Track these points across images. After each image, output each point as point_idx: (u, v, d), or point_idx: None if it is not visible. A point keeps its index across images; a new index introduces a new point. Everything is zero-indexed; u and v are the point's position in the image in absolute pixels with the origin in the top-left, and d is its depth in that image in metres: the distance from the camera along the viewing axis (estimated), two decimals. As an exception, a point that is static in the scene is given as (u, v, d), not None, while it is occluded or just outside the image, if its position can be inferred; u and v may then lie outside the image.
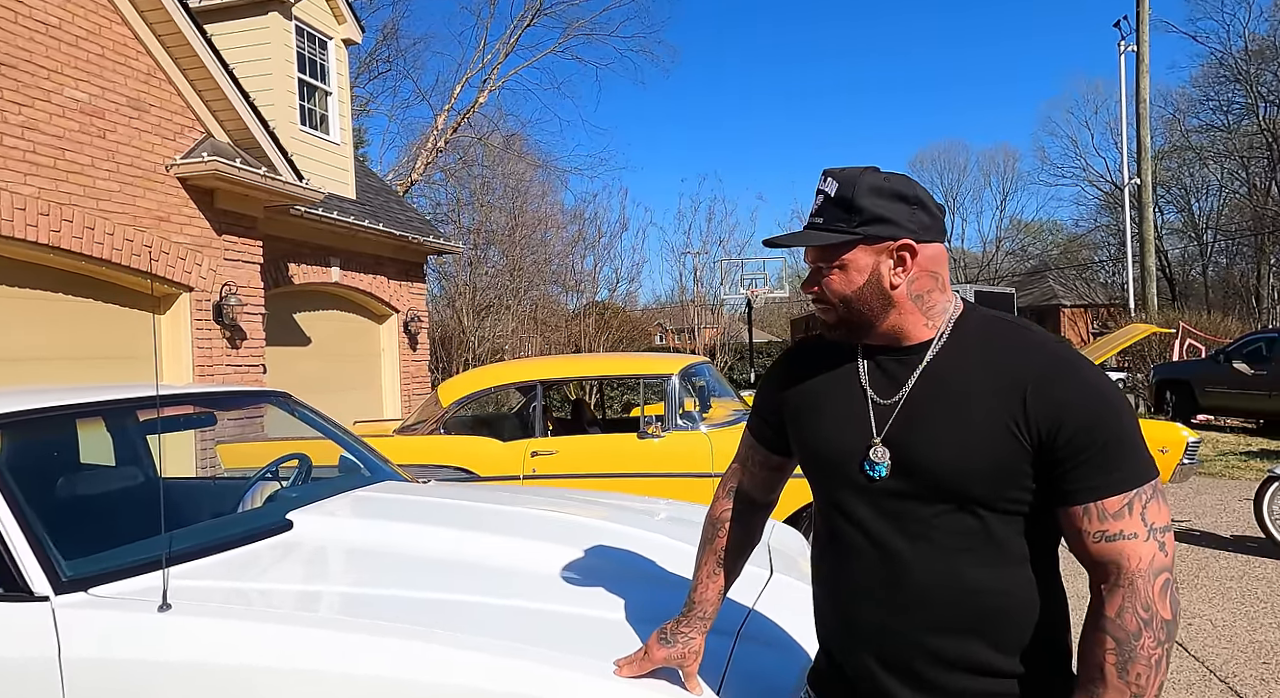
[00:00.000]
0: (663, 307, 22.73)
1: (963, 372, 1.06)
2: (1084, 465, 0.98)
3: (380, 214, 9.39)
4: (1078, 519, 0.99)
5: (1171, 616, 0.96)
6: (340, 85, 9.23)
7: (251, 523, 2.09)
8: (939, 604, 1.04)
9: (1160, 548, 0.97)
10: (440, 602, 1.68)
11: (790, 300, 23.20)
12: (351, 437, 3.00)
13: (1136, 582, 0.96)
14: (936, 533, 1.04)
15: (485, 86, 15.12)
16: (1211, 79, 30.96)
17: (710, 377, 4.85)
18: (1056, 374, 1.01)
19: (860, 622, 1.10)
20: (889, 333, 1.10)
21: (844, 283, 1.08)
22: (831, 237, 1.06)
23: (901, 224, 1.05)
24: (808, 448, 1.18)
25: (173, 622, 1.55)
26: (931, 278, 1.09)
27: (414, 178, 14.95)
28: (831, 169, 1.10)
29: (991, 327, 1.09)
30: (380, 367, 9.65)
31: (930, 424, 1.05)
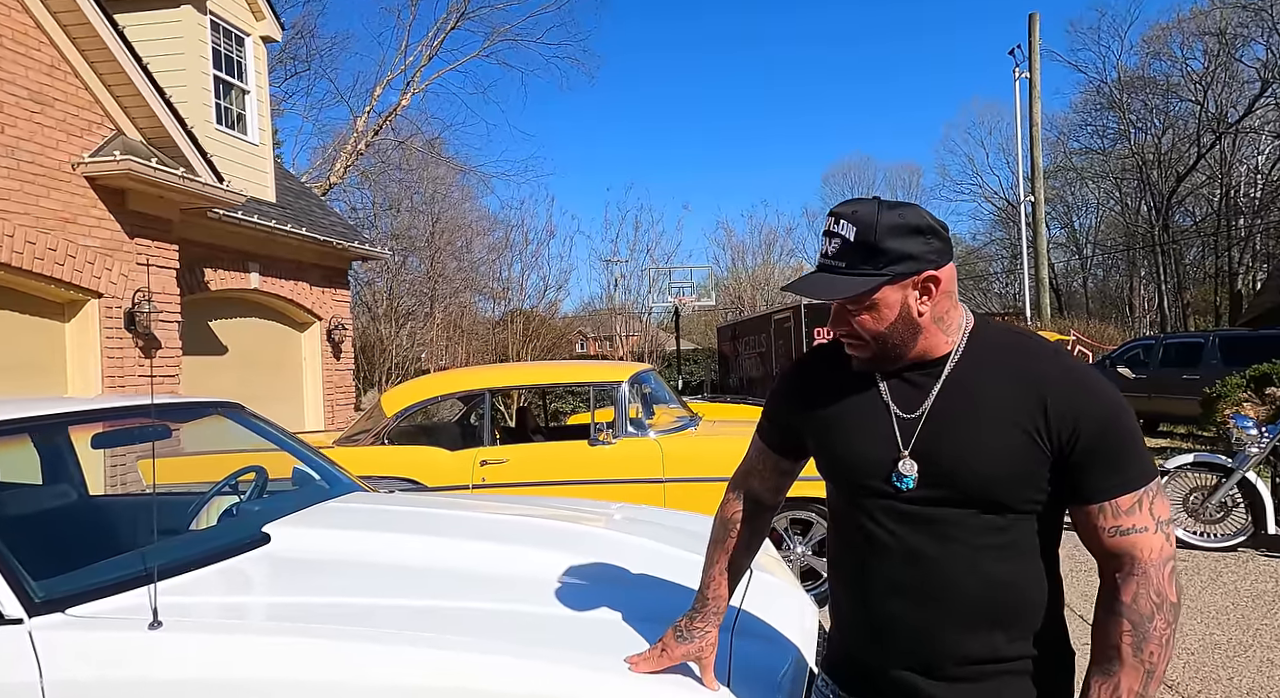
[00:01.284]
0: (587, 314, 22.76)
1: (982, 382, 1.12)
2: (1099, 468, 1.06)
3: (302, 218, 9.06)
4: (1094, 516, 1.08)
5: (1177, 599, 1.07)
6: (259, 84, 8.87)
7: (227, 538, 2.03)
8: (964, 598, 1.11)
9: (1166, 539, 1.07)
10: (438, 609, 1.70)
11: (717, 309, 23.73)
12: (308, 448, 2.92)
13: (1149, 571, 1.06)
14: (961, 533, 1.10)
15: (408, 89, 14.83)
16: (1090, 105, 33.69)
17: (655, 384, 4.95)
18: (1073, 384, 1.09)
19: (887, 616, 1.15)
20: (916, 354, 1.15)
21: (876, 321, 1.12)
22: (861, 283, 1.09)
23: (922, 257, 1.10)
24: (835, 462, 1.22)
25: (165, 639, 1.51)
26: (948, 298, 1.15)
27: (332, 181, 14.43)
28: (840, 210, 1.12)
29: (1004, 338, 1.16)
30: (302, 377, 9.28)
31: (955, 434, 1.11)
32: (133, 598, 1.65)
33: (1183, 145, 30.23)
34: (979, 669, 1.12)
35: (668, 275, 14.95)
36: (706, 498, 4.05)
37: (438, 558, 2.01)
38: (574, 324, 24.38)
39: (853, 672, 1.24)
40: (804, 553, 4.23)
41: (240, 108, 8.66)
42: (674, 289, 14.42)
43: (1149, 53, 31.67)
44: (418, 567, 1.95)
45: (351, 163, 14.66)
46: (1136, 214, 32.98)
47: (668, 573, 1.97)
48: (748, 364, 13.62)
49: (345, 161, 14.38)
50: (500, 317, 16.24)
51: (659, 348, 17.71)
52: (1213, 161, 29.41)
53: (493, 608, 1.72)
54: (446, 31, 15.15)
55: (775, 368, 12.06)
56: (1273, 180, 29.24)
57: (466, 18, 15.55)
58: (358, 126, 14.44)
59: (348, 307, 9.91)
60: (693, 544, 2.31)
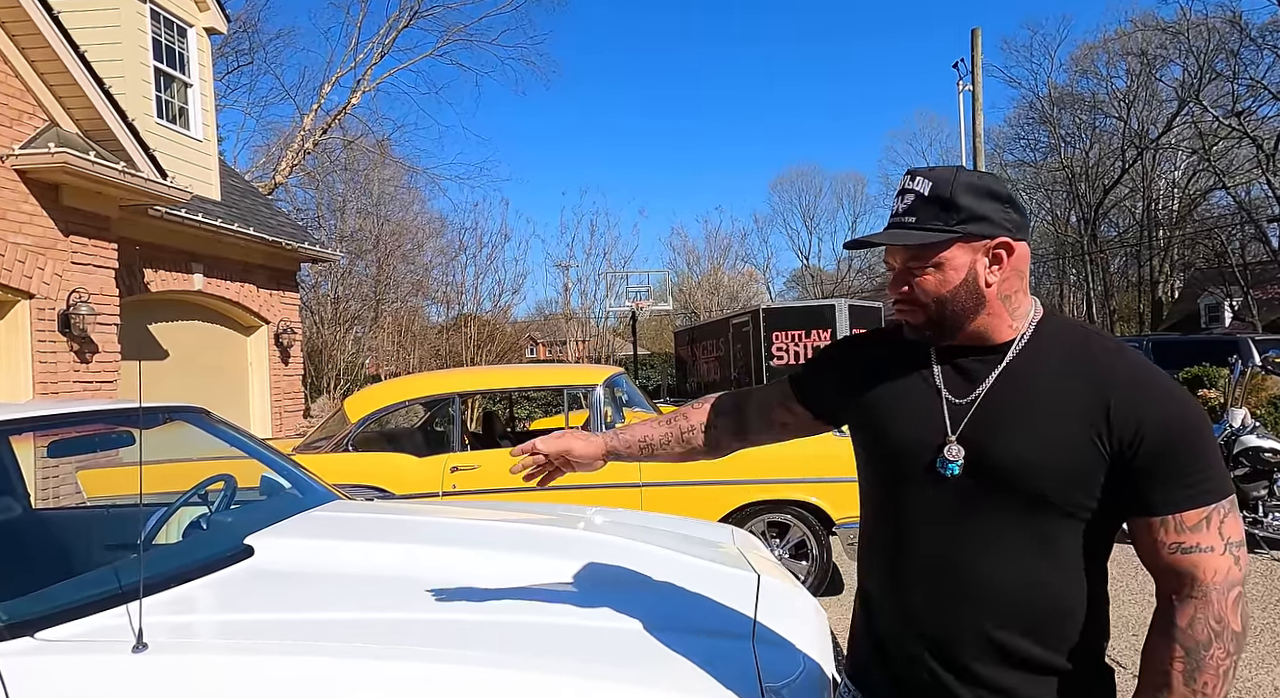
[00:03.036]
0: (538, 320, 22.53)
1: (1043, 374, 1.05)
2: (1165, 478, 0.98)
3: (249, 217, 8.70)
4: (1155, 530, 1.00)
5: (1242, 628, 0.97)
6: (203, 77, 8.50)
7: (206, 551, 1.89)
8: (998, 600, 1.04)
9: (1235, 562, 0.98)
10: (437, 621, 1.62)
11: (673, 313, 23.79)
12: (279, 455, 2.77)
13: (1211, 594, 0.97)
14: (1002, 531, 1.04)
15: (358, 87, 14.39)
16: (1023, 120, 35.14)
17: (627, 387, 4.89)
18: (1141, 385, 1.01)
19: (918, 613, 1.09)
20: (974, 333, 1.08)
21: (939, 283, 1.05)
22: (932, 235, 1.04)
23: (998, 222, 1.04)
24: (878, 443, 1.16)
25: (152, 662, 1.38)
26: (1019, 278, 1.08)
27: (278, 180, 13.91)
28: (918, 169, 1.08)
29: (1073, 332, 1.09)
30: (248, 382, 8.90)
31: (1008, 424, 1.04)
32: (109, 619, 1.52)
33: (1108, 159, 31.77)
34: (1007, 675, 1.05)
35: (624, 280, 14.93)
36: (685, 502, 4.01)
37: (429, 567, 1.92)
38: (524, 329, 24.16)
39: (879, 673, 1.17)
40: (781, 556, 4.23)
41: (183, 101, 8.28)
42: (631, 294, 14.40)
43: (1077, 71, 33.27)
44: (411, 577, 1.85)
45: (298, 162, 14.16)
46: (1066, 224, 34.50)
47: (668, 576, 1.92)
48: (705, 368, 13.68)
49: (291, 161, 13.88)
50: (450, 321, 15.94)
51: (611, 353, 17.65)
52: (1136, 176, 30.99)
53: (494, 620, 1.65)
54: (399, 29, 14.84)
55: (734, 372, 12.13)
56: (1189, 194, 30.98)
57: (420, 15, 15.26)
58: (305, 125, 13.97)
59: (297, 310, 9.56)
60: (684, 546, 2.27)
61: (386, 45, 14.79)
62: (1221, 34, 26.94)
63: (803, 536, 4.19)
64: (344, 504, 2.45)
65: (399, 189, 17.78)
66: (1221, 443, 4.99)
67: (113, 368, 6.21)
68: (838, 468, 4.14)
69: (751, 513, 4.14)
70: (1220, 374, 8.40)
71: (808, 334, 10.69)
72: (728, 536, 2.65)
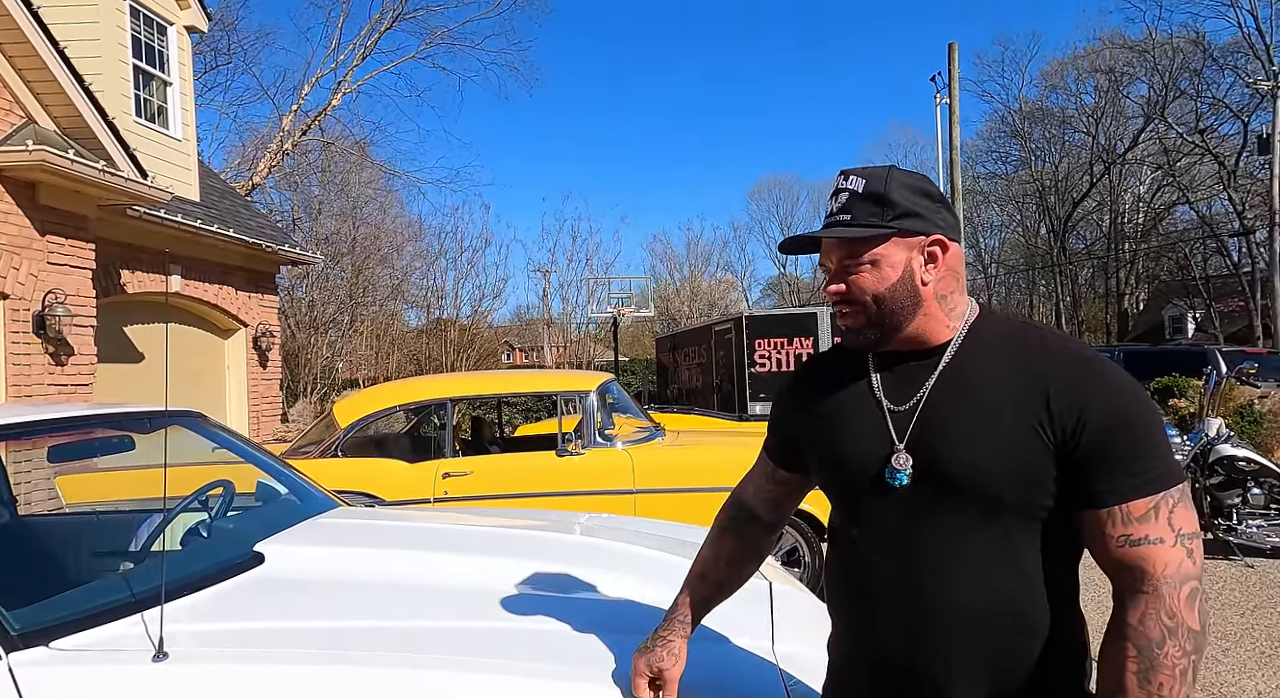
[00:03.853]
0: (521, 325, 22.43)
1: (982, 371, 1.02)
2: (1108, 466, 0.94)
3: (228, 219, 8.57)
4: (1101, 523, 0.95)
5: (1200, 626, 0.92)
6: (183, 76, 8.37)
7: (216, 558, 1.85)
8: (961, 614, 1.00)
9: (1188, 555, 0.93)
10: (463, 629, 1.60)
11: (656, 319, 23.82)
12: (278, 461, 2.73)
13: (1161, 588, 0.92)
14: (958, 540, 1.00)
15: (339, 88, 14.22)
16: (995, 133, 35.88)
17: (618, 393, 4.90)
18: (1080, 372, 0.98)
19: (882, 635, 1.05)
20: (912, 336, 1.06)
21: (876, 280, 1.03)
22: (866, 230, 1.02)
23: (932, 220, 1.03)
24: (826, 464, 1.14)
25: (173, 672, 1.36)
26: (954, 278, 1.06)
27: (255, 181, 13.70)
28: (850, 168, 1.07)
29: (1009, 327, 1.06)
30: (225, 386, 8.75)
31: (950, 425, 1.01)
32: (124, 628, 1.48)
33: (1077, 173, 32.53)
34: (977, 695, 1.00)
35: (607, 285, 14.94)
36: (678, 509, 4.01)
37: (444, 574, 1.91)
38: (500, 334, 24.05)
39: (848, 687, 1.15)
40: (774, 563, 4.25)
41: (162, 100, 8.14)
42: (613, 300, 14.41)
43: (1047, 86, 34.05)
44: (426, 585, 1.84)
45: (276, 163, 13.96)
46: (1036, 236, 35.23)
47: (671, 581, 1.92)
48: (687, 375, 13.72)
49: (269, 162, 13.67)
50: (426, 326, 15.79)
51: (591, 359, 17.63)
52: (1103, 189, 31.77)
53: (517, 626, 1.64)
54: (381, 31, 14.72)
55: (716, 379, 12.18)
56: (1154, 209, 31.81)
57: (403, 18, 15.16)
58: (284, 125, 13.77)
59: (275, 313, 9.42)
60: (693, 553, 2.28)
61: (368, 47, 14.70)
62: (1185, 53, 27.77)
63: (795, 543, 4.22)
64: (348, 511, 2.42)
65: (378, 192, 17.63)
66: (1197, 452, 5.13)
67: (88, 371, 6.07)
68: (829, 475, 4.17)
69: (744, 520, 4.16)
70: (1190, 384, 8.62)
71: (790, 342, 10.78)
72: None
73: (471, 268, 14.98)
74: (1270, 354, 11.37)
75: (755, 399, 10.64)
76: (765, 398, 10.42)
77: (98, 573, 2.10)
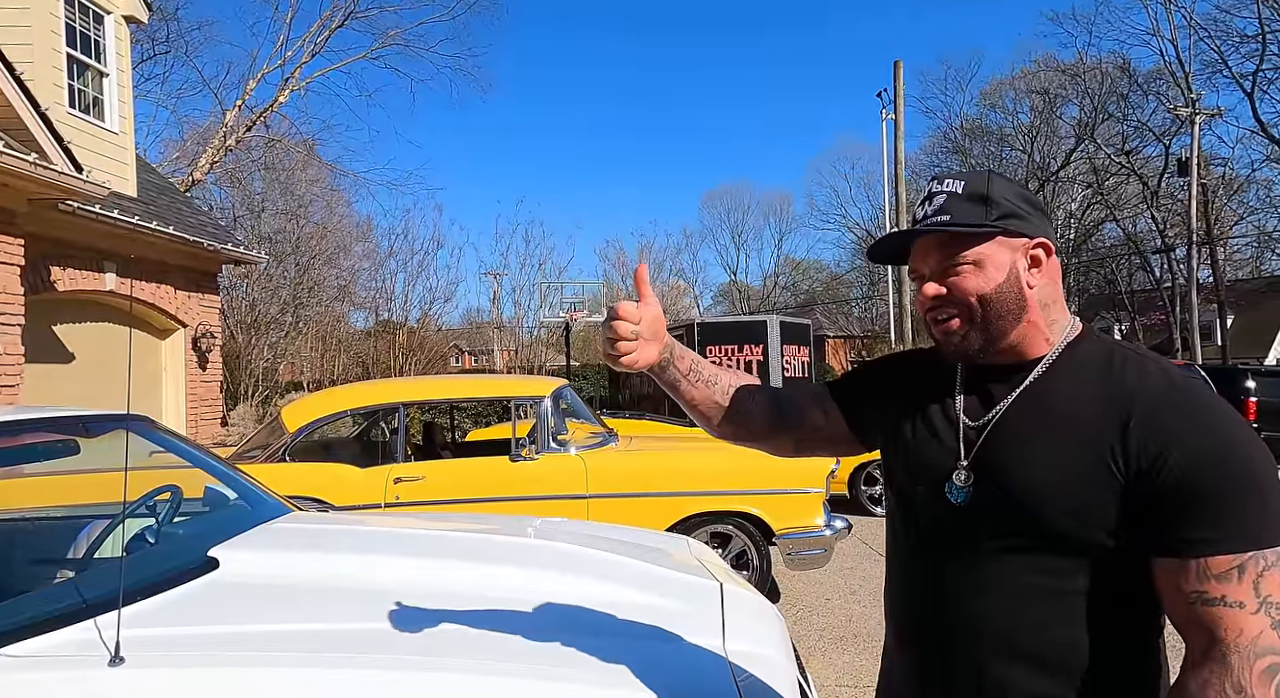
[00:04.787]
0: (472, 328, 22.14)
1: (1063, 393, 0.95)
2: (1189, 513, 0.84)
3: (167, 216, 8.29)
4: (1174, 574, 0.86)
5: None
6: (120, 67, 8.08)
7: (169, 564, 1.83)
8: (991, 646, 0.94)
9: (1274, 626, 0.82)
10: (421, 631, 1.63)
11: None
12: (227, 465, 2.69)
13: (1230, 657, 0.82)
14: (1009, 569, 0.94)
15: (287, 85, 13.85)
16: (937, 149, 37.12)
17: (572, 399, 4.93)
18: (1172, 404, 0.88)
19: (924, 647, 1.02)
20: (1011, 347, 0.99)
21: (981, 281, 0.96)
22: (972, 228, 0.95)
23: (1036, 223, 0.98)
24: (894, 466, 1.10)
25: (130, 677, 1.35)
26: (1055, 285, 1.00)
27: (195, 178, 13.25)
28: (944, 173, 1.02)
29: (1105, 349, 0.98)
30: (161, 388, 8.44)
31: (1019, 448, 0.95)
32: (77, 633, 1.47)
33: (1014, 190, 33.81)
34: None
35: (559, 290, 14.92)
36: (631, 514, 4.07)
37: (401, 579, 1.92)
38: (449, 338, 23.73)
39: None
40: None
41: (98, 91, 7.84)
42: (565, 305, 14.40)
43: (987, 104, 35.42)
44: (382, 589, 1.85)
45: (218, 159, 13.53)
46: (975, 249, 36.44)
47: (635, 585, 1.98)
48: (639, 381, 13.79)
49: (211, 157, 13.23)
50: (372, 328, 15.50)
51: (543, 363, 17.56)
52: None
53: (474, 628, 1.67)
54: (332, 29, 14.42)
55: (668, 385, 12.24)
56: (1084, 225, 33.36)
57: (355, 17, 14.88)
58: (226, 120, 13.35)
59: (217, 314, 9.14)
60: (646, 555, 2.33)
61: (319, 44, 14.38)
62: (1113, 78, 29.27)
63: (744, 546, 4.32)
64: (301, 516, 2.40)
65: (324, 191, 17.24)
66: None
67: (15, 371, 5.80)
68: (777, 480, 4.29)
69: (696, 524, 4.24)
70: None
71: (740, 348, 10.97)
72: (684, 545, 2.72)
73: (422, 270, 14.78)
74: (1187, 365, 12.06)
75: (706, 405, 10.74)
76: (715, 404, 10.51)
77: (39, 581, 2.04)
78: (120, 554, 2.18)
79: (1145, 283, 30.30)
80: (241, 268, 13.01)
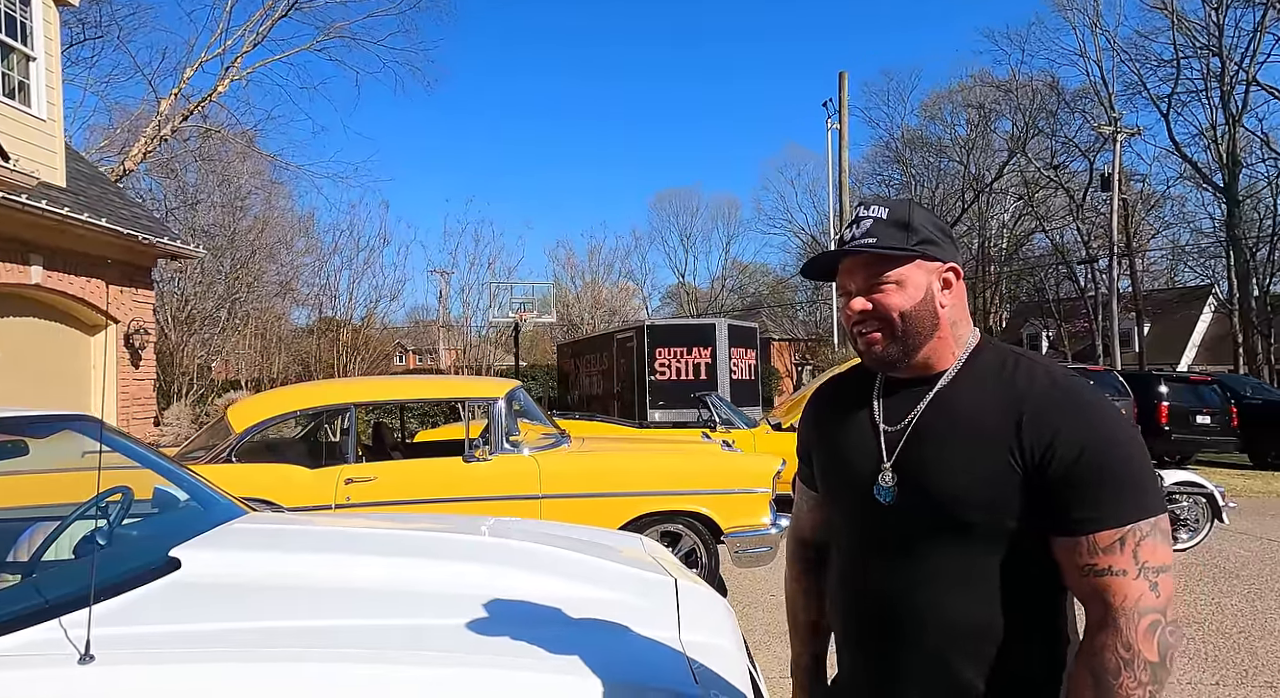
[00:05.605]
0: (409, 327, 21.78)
1: (966, 398, 1.06)
2: (1077, 496, 0.96)
3: (99, 207, 7.97)
4: (1070, 551, 0.98)
5: (1159, 658, 0.93)
6: (49, 51, 7.74)
7: (129, 565, 1.83)
8: (927, 631, 1.04)
9: (1151, 588, 0.94)
10: (386, 627, 1.68)
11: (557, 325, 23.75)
12: (179, 467, 2.66)
13: (1119, 620, 0.94)
14: (931, 561, 1.04)
15: (226, 75, 13.37)
16: (879, 158, 38.24)
17: (524, 400, 4.97)
18: (1055, 401, 1.00)
19: (865, 640, 1.12)
20: (925, 359, 1.10)
21: (902, 298, 1.07)
22: (896, 251, 1.07)
23: (948, 250, 1.11)
24: (824, 478, 1.21)
25: (101, 674, 1.37)
26: (963, 307, 1.12)
27: (127, 167, 12.68)
28: (869, 198, 1.14)
29: (1001, 354, 1.10)
30: (90, 386, 8.10)
31: (933, 449, 1.06)
32: (40, 633, 1.47)
33: (951, 199, 35.13)
34: None
35: (509, 290, 14.82)
36: (584, 514, 4.14)
37: (365, 577, 1.96)
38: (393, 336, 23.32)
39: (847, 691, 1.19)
40: (672, 563, 4.45)
41: (24, 76, 7.49)
42: (515, 305, 14.31)
43: (926, 116, 36.66)
44: (347, 587, 1.89)
45: (152, 149, 12.98)
46: (914, 256, 37.60)
47: (594, 581, 2.06)
48: (588, 382, 13.82)
49: (144, 147, 12.69)
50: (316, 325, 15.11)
51: (489, 363, 17.42)
52: (973, 215, 34.45)
53: (438, 623, 1.72)
54: (275, 18, 13.97)
55: (618, 386, 12.36)
56: (1016, 235, 34.82)
57: (298, 7, 14.46)
58: (161, 109, 12.81)
59: (151, 309, 8.82)
60: (602, 553, 2.41)
61: (261, 33, 13.94)
62: (1043, 96, 30.68)
63: (693, 544, 4.43)
64: (260, 516, 2.40)
65: (264, 183, 16.71)
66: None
67: (-67, 368, 5.51)
68: (726, 481, 4.42)
69: (647, 523, 4.33)
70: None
71: (689, 351, 11.13)
72: (638, 543, 2.81)
73: (368, 267, 14.48)
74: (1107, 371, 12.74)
75: (655, 407, 10.89)
76: (664, 406, 10.70)
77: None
78: (69, 556, 2.16)
79: (1071, 292, 31.80)
80: (175, 262, 12.53)
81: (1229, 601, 4.83)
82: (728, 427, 7.65)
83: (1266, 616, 4.55)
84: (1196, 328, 30.90)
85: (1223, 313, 28.77)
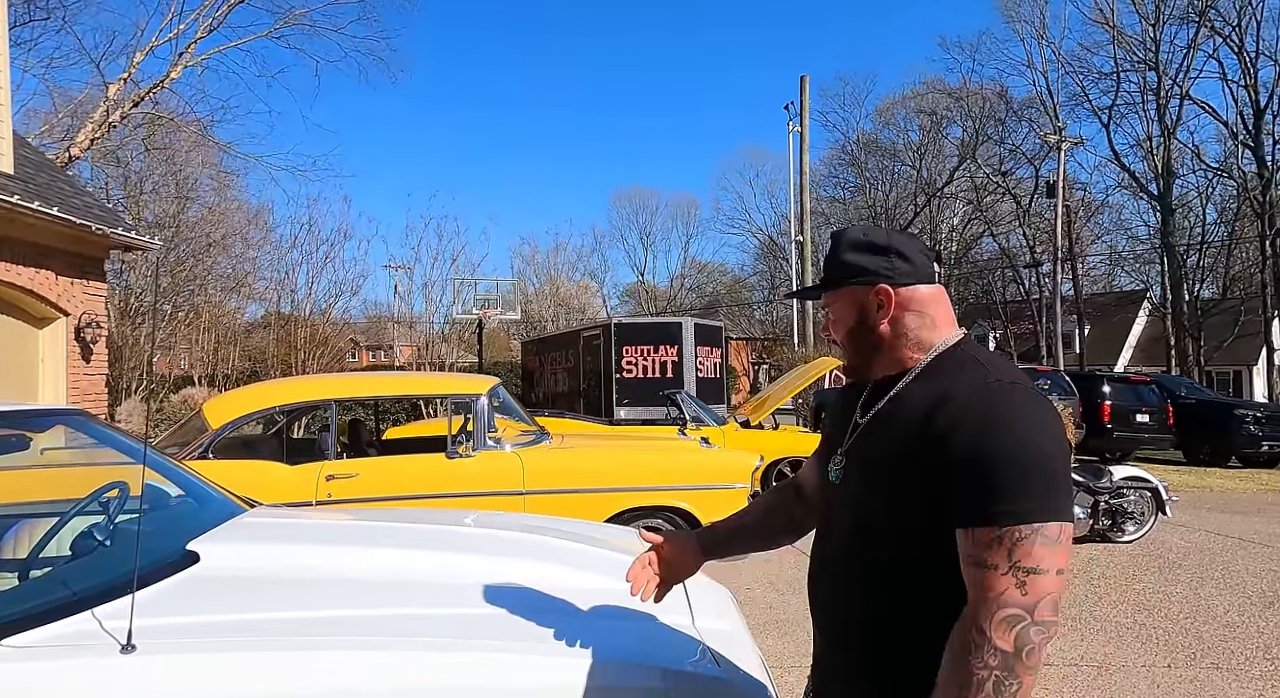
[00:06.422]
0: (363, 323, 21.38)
1: (917, 395, 1.14)
2: (963, 491, 1.03)
3: (48, 194, 7.66)
4: (960, 542, 1.04)
5: (1013, 649, 0.98)
6: (-5, 31, 7.40)
7: (149, 558, 1.81)
8: (844, 613, 1.18)
9: (1018, 586, 0.98)
10: (419, 615, 1.70)
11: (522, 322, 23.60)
12: (174, 462, 2.63)
13: (979, 607, 1.00)
14: (854, 541, 1.17)
15: (179, 61, 12.89)
16: (836, 161, 38.97)
17: (504, 397, 4.98)
18: (970, 403, 1.06)
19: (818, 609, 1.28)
20: (889, 366, 1.21)
21: (839, 325, 1.24)
22: (819, 290, 1.26)
23: (877, 272, 1.18)
24: (816, 456, 1.40)
25: (144, 663, 1.37)
26: (917, 317, 1.18)
27: (74, 153, 12.15)
28: (836, 231, 1.27)
29: (962, 358, 1.16)
30: (38, 381, 7.79)
31: (872, 439, 1.18)
32: (74, 625, 1.46)
33: (904, 202, 36.03)
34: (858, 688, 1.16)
35: (473, 286, 14.69)
36: (567, 509, 4.19)
37: (378, 568, 1.98)
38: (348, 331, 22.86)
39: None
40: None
41: (-32, 57, 7.16)
42: (478, 302, 14.19)
43: (881, 121, 37.49)
44: (365, 579, 1.90)
45: (100, 135, 12.46)
46: (868, 258, 38.45)
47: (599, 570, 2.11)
48: (553, 379, 13.79)
49: (92, 133, 12.17)
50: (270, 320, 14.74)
51: (451, 360, 17.24)
52: (925, 218, 35.39)
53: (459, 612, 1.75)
54: (231, 3, 13.54)
55: (584, 383, 12.37)
56: (965, 238, 35.90)
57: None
58: (109, 94, 12.31)
59: (103, 302, 8.52)
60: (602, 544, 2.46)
61: (216, 18, 13.48)
62: (992, 103, 31.68)
63: (673, 537, 4.51)
64: (264, 511, 2.39)
65: (218, 173, 16.21)
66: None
67: (-125, 362, 5.25)
68: (706, 476, 4.51)
69: (628, 518, 4.40)
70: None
71: (656, 349, 11.21)
72: (633, 536, 2.87)
73: (328, 262, 14.16)
74: (1053, 371, 13.28)
75: (620, 404, 10.93)
76: (631, 403, 10.76)
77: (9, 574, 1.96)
78: (68, 553, 2.12)
79: (1017, 294, 32.93)
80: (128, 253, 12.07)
81: (1174, 589, 5.13)
82: (697, 424, 7.76)
83: (1209, 602, 4.85)
84: (1133, 330, 32.36)
85: (1157, 316, 30.19)
